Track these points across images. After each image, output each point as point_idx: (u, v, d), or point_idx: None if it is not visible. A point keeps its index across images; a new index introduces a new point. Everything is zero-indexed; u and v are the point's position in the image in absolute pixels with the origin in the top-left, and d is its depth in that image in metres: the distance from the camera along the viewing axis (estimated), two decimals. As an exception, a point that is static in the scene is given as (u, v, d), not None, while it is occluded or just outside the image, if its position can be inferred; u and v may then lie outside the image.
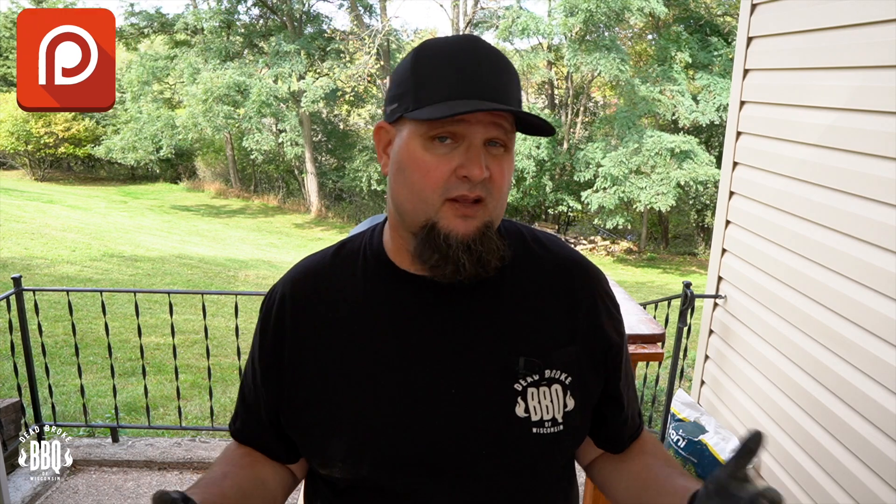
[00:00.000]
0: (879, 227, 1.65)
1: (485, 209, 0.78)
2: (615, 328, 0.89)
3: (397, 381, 0.80)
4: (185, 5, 21.10)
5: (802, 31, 2.03)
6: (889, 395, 1.61)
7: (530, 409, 0.80)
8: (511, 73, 0.78)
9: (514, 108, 0.75)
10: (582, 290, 0.87)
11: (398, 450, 0.79)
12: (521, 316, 0.83)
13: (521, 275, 0.85)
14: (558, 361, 0.82)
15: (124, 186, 22.05)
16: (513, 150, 0.80)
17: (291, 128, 18.64)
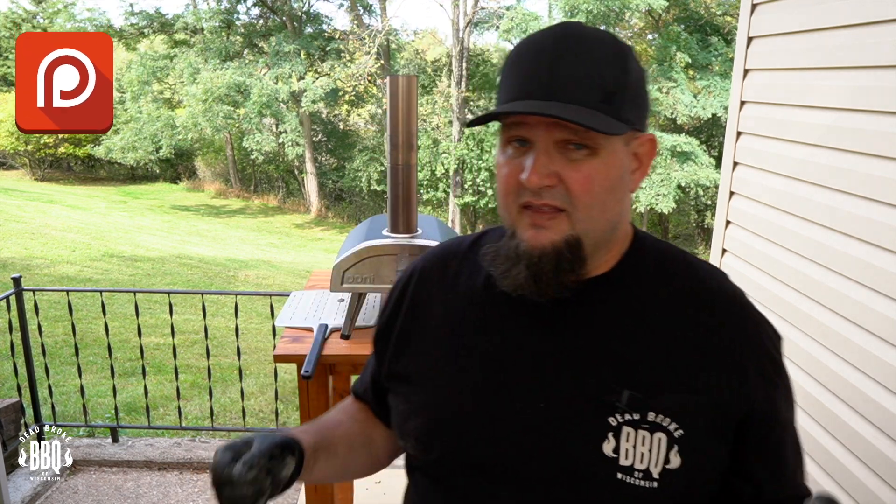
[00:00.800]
0: (879, 227, 1.65)
1: (566, 221, 0.69)
2: (768, 394, 0.74)
3: (488, 381, 0.76)
4: (184, 5, 21.10)
5: (802, 31, 2.03)
6: (889, 395, 1.61)
7: (621, 451, 0.69)
8: (585, 62, 0.68)
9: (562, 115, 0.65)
10: (733, 337, 0.73)
11: (469, 448, 0.75)
12: (637, 344, 0.72)
13: (652, 299, 0.75)
14: (669, 407, 0.69)
15: (124, 186, 22.05)
16: (610, 150, 0.69)
17: (292, 128, 18.65)
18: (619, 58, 0.70)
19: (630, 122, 0.71)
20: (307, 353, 1.48)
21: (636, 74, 0.72)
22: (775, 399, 0.75)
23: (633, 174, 0.74)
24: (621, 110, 0.69)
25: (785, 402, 0.76)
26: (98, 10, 19.92)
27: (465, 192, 19.10)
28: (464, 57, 18.99)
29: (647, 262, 0.77)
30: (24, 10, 22.78)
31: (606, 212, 0.71)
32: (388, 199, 1.60)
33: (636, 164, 0.74)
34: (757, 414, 0.73)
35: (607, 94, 0.68)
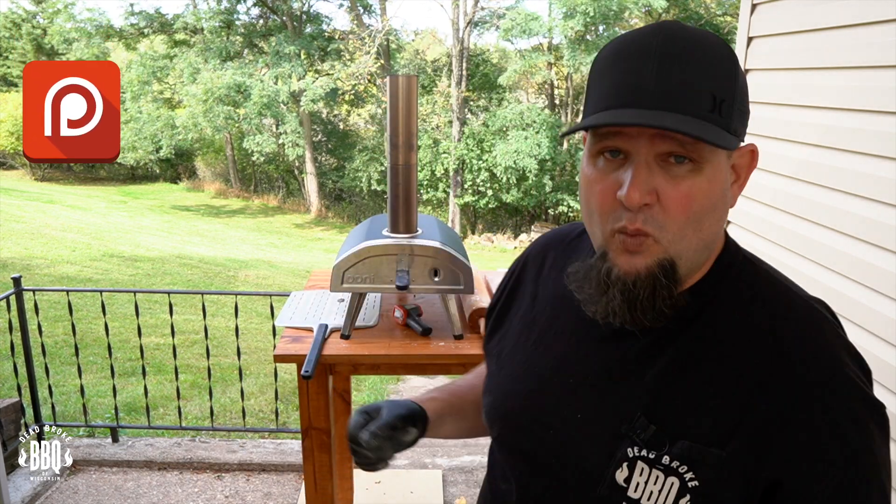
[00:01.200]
0: (879, 227, 1.65)
1: (656, 245, 0.64)
2: (814, 464, 0.63)
3: (545, 382, 0.77)
4: (184, 5, 21.10)
5: (802, 31, 2.03)
6: (889, 394, 1.61)
7: (632, 483, 0.67)
8: (693, 65, 0.62)
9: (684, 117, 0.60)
10: (782, 391, 0.64)
11: (517, 436, 0.79)
12: (679, 380, 0.68)
13: (712, 333, 0.68)
14: (689, 455, 0.65)
15: (124, 186, 22.05)
16: (715, 164, 0.64)
17: (292, 129, 18.65)
18: (729, 62, 0.64)
19: (738, 133, 0.66)
20: (307, 353, 1.48)
21: (742, 81, 0.66)
22: (823, 475, 0.63)
23: (731, 188, 0.69)
24: (731, 121, 0.64)
25: (851, 487, 0.63)
26: (98, 10, 19.91)
27: (465, 192, 19.10)
28: (464, 57, 19.00)
29: (726, 292, 0.70)
30: (24, 10, 22.79)
31: (702, 232, 0.65)
32: (388, 199, 1.59)
33: (734, 176, 0.70)
34: (793, 490, 0.63)
35: (717, 103, 0.62)
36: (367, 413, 0.86)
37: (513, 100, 19.05)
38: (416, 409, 0.88)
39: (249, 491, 2.86)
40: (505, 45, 21.01)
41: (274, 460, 3.03)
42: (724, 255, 0.72)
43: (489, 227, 20.46)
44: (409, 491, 2.85)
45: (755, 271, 0.73)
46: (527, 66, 17.64)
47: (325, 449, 1.57)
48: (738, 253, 0.74)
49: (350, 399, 2.28)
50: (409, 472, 3.04)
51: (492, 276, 2.02)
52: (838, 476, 0.63)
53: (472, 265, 1.58)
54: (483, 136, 18.51)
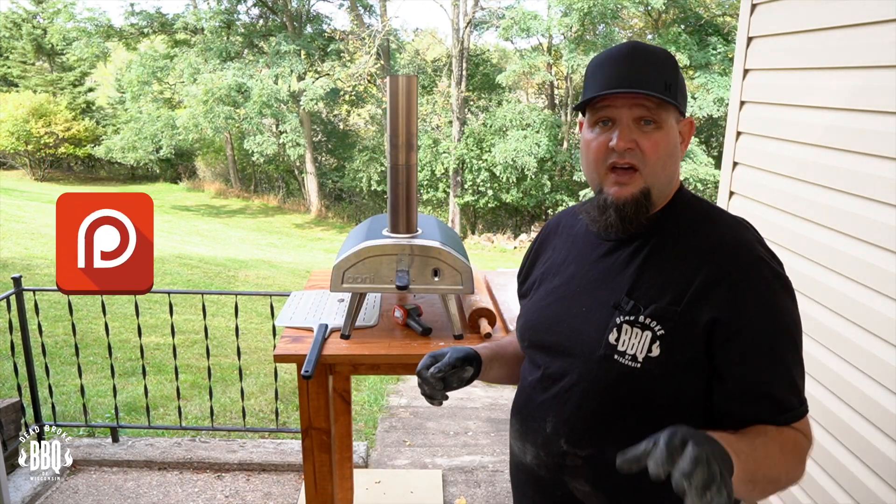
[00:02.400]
0: (879, 227, 1.65)
1: (640, 177, 1.00)
2: (736, 307, 0.94)
3: (562, 296, 1.10)
4: (184, 5, 21.10)
5: (802, 31, 2.03)
6: (889, 395, 1.61)
7: (620, 341, 0.99)
8: (652, 64, 0.99)
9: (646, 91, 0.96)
10: (715, 265, 0.96)
11: (542, 336, 1.11)
12: (651, 270, 1.00)
13: (672, 239, 1.02)
14: (655, 314, 0.97)
15: (124, 186, 22.06)
16: (669, 125, 1.00)
17: (292, 129, 18.64)
18: (673, 63, 1.03)
19: (682, 106, 1.02)
20: (307, 353, 1.48)
21: (681, 75, 1.04)
22: (743, 312, 0.94)
23: (679, 146, 1.05)
24: (676, 96, 1.01)
25: (763, 319, 0.95)
26: (98, 10, 19.92)
27: (465, 192, 19.09)
28: (464, 57, 19.00)
29: (681, 213, 1.05)
30: (24, 10, 22.79)
31: (666, 169, 1.01)
32: (388, 199, 1.59)
33: (680, 138, 1.05)
34: (725, 323, 0.94)
35: (668, 85, 0.99)
36: (434, 357, 1.14)
37: (513, 100, 19.05)
38: (472, 353, 1.17)
39: (249, 491, 2.86)
40: (505, 46, 21.03)
41: (274, 460, 3.03)
42: (679, 192, 1.08)
43: (489, 227, 20.45)
44: (409, 491, 2.85)
45: (699, 201, 1.08)
46: (526, 65, 17.63)
47: (325, 449, 1.57)
48: (687, 194, 1.08)
49: (350, 399, 2.28)
50: (409, 472, 3.04)
51: (492, 276, 2.02)
52: (754, 312, 0.95)
53: (472, 265, 1.58)
54: (483, 135, 18.51)
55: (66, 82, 22.75)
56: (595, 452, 1.02)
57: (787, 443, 0.94)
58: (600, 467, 1.02)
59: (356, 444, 3.13)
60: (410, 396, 4.10)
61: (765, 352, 0.95)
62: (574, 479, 1.05)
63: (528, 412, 1.11)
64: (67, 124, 20.36)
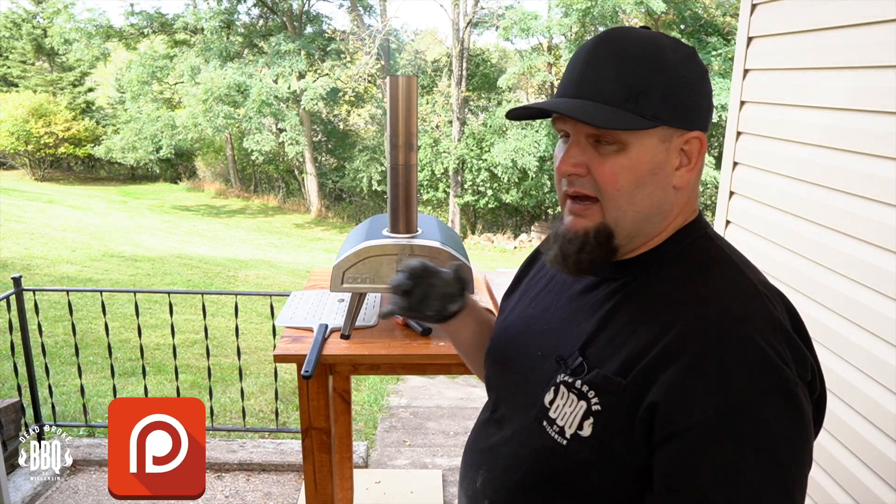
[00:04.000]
0: (879, 227, 1.65)
1: (598, 210, 0.77)
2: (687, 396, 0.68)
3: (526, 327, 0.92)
4: (184, 5, 21.09)
5: (802, 31, 2.03)
6: (889, 395, 1.61)
7: (554, 405, 0.79)
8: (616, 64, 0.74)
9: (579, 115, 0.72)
10: (681, 333, 0.71)
11: (497, 369, 0.95)
12: (615, 323, 0.78)
13: (651, 290, 0.78)
14: (597, 382, 0.75)
15: (124, 186, 22.05)
16: (640, 146, 0.74)
17: (292, 126, 18.63)
18: (653, 58, 0.74)
19: (661, 119, 0.74)
20: (307, 353, 1.48)
21: (675, 75, 0.75)
22: (694, 407, 0.67)
23: (677, 170, 0.78)
24: (647, 108, 0.73)
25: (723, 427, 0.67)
26: (98, 11, 19.91)
27: (465, 192, 19.09)
28: (464, 57, 18.99)
29: (677, 254, 0.80)
30: (24, 10, 22.78)
31: (635, 204, 0.76)
32: (388, 199, 1.59)
33: (684, 160, 0.78)
34: (672, 418, 0.68)
35: (633, 94, 0.73)
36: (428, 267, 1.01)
37: (513, 100, 19.04)
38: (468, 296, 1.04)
39: (249, 491, 2.86)
40: (505, 46, 21.03)
41: (274, 460, 3.03)
42: (685, 229, 0.82)
43: (489, 227, 20.45)
44: (409, 491, 2.85)
45: (710, 249, 0.81)
46: (526, 67, 17.63)
47: (325, 449, 1.57)
48: (699, 231, 0.82)
49: (350, 399, 2.28)
50: (409, 472, 3.04)
51: (492, 276, 2.02)
52: (710, 417, 0.66)
53: (472, 265, 1.58)
54: (483, 135, 18.50)
55: (66, 82, 22.75)
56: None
57: None
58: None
59: (356, 444, 3.13)
60: (410, 396, 4.10)
61: (716, 477, 0.67)
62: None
63: (470, 457, 0.94)
64: (67, 124, 20.35)
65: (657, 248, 0.81)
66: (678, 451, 0.68)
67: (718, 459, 0.67)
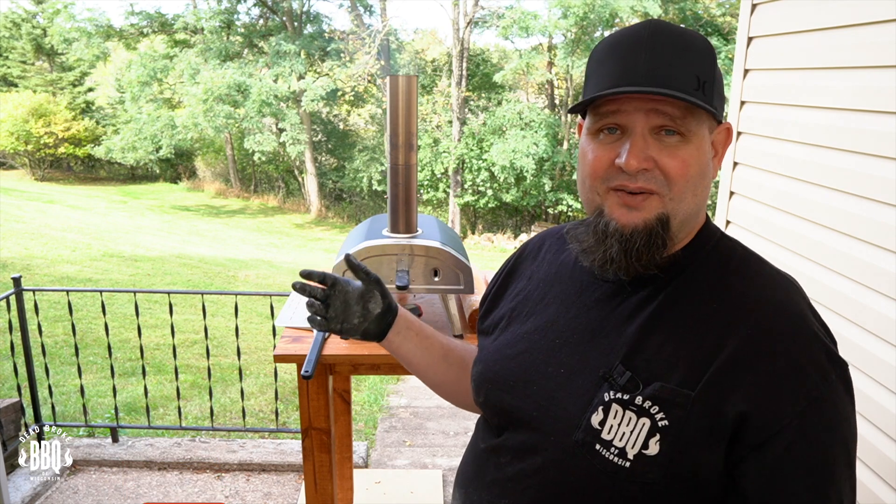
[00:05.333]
0: (879, 227, 1.65)
1: (658, 201, 0.74)
2: (777, 400, 0.68)
3: (530, 344, 0.85)
4: (185, 5, 21.09)
5: (802, 31, 2.03)
6: (889, 395, 1.61)
7: (606, 425, 0.73)
8: (680, 53, 0.73)
9: (674, 91, 0.70)
10: (750, 337, 0.70)
11: (501, 396, 0.85)
12: (659, 333, 0.74)
13: (694, 292, 0.76)
14: (660, 396, 0.71)
15: (124, 186, 22.05)
16: (700, 137, 0.74)
17: (292, 126, 18.63)
18: (709, 51, 0.75)
19: (718, 111, 0.76)
20: (307, 353, 1.48)
21: (719, 71, 0.77)
22: (786, 409, 0.68)
23: (711, 161, 0.78)
24: (713, 99, 0.74)
25: (813, 423, 0.69)
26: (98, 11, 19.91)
27: (465, 192, 19.09)
28: (464, 57, 18.99)
29: (709, 255, 0.79)
30: (24, 10, 22.78)
31: (697, 195, 0.76)
32: (388, 199, 1.59)
33: (713, 151, 0.79)
34: (758, 427, 0.69)
35: (701, 83, 0.73)
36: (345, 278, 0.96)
37: (513, 99, 19.04)
38: (392, 303, 0.97)
39: (249, 491, 2.86)
40: (505, 45, 21.03)
41: (274, 460, 3.03)
42: (704, 230, 0.81)
43: (489, 227, 20.45)
44: (409, 491, 2.85)
45: (732, 245, 0.81)
46: (524, 64, 17.63)
47: (325, 449, 1.57)
48: (716, 230, 0.82)
49: (350, 399, 2.28)
50: (409, 472, 3.04)
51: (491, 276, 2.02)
52: (798, 414, 0.68)
53: (472, 265, 1.58)
54: (483, 135, 18.50)
55: (66, 82, 22.75)
56: None
57: None
58: None
59: (356, 444, 3.13)
60: (410, 396, 4.10)
61: (809, 469, 0.69)
62: None
63: (477, 489, 0.86)
64: (67, 124, 20.35)
65: (684, 249, 0.79)
66: (772, 453, 0.69)
67: (809, 454, 0.69)
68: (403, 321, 0.98)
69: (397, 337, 0.97)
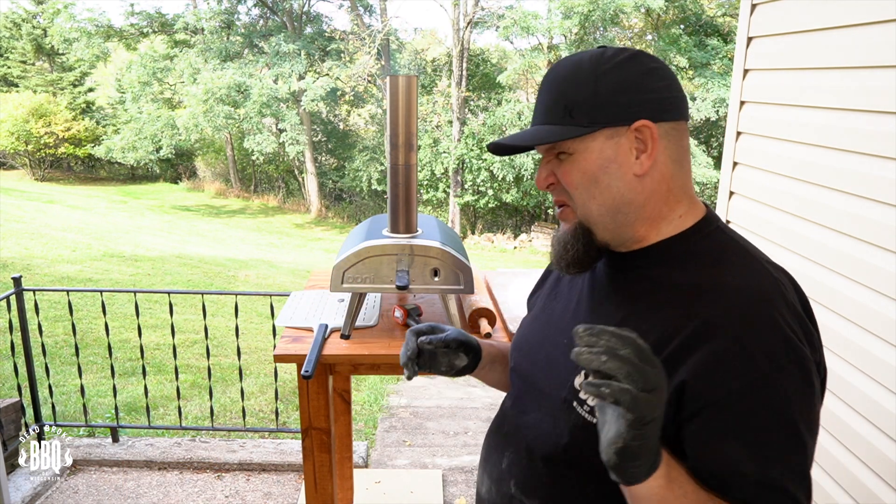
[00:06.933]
0: (879, 227, 1.65)
1: (570, 212, 0.90)
2: (716, 374, 0.75)
3: (546, 320, 1.02)
4: (185, 5, 21.09)
5: (802, 31, 2.03)
6: (889, 395, 1.61)
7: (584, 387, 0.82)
8: (553, 90, 0.87)
9: (530, 140, 0.86)
10: (708, 317, 0.78)
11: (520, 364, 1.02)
12: (640, 311, 0.85)
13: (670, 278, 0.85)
14: None
15: (124, 186, 22.05)
16: (584, 149, 0.85)
17: (292, 126, 18.64)
18: (585, 74, 0.85)
19: (599, 123, 0.84)
20: (307, 353, 1.48)
21: (605, 82, 0.84)
22: (722, 383, 0.75)
23: (637, 159, 0.85)
24: (583, 117, 0.84)
25: (750, 399, 0.75)
26: (98, 11, 19.91)
27: (465, 192, 19.09)
28: (464, 57, 18.99)
29: (693, 247, 0.87)
30: (24, 10, 22.78)
31: (595, 198, 0.86)
32: (388, 199, 1.59)
33: (640, 147, 0.85)
34: (691, 390, 0.76)
35: (568, 109, 0.85)
36: (433, 328, 1.07)
37: (513, 100, 19.04)
38: (474, 343, 1.09)
39: (249, 491, 2.86)
40: (505, 46, 21.01)
41: (274, 460, 3.03)
42: (697, 226, 0.88)
43: (489, 227, 20.45)
44: (409, 491, 2.85)
45: (724, 240, 0.87)
46: (526, 65, 17.63)
47: (325, 449, 1.57)
48: (710, 225, 0.89)
49: (350, 399, 2.28)
50: (409, 471, 3.04)
51: (492, 276, 2.02)
52: (736, 390, 0.74)
53: (472, 265, 1.58)
54: (483, 135, 18.51)
55: (66, 82, 22.75)
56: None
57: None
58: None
59: (356, 444, 3.13)
60: (410, 396, 4.10)
61: (743, 442, 0.75)
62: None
63: (494, 440, 1.03)
64: (67, 124, 20.36)
65: (669, 240, 0.87)
66: (706, 423, 0.76)
67: (745, 427, 0.75)
68: (488, 358, 1.12)
69: (481, 371, 1.13)
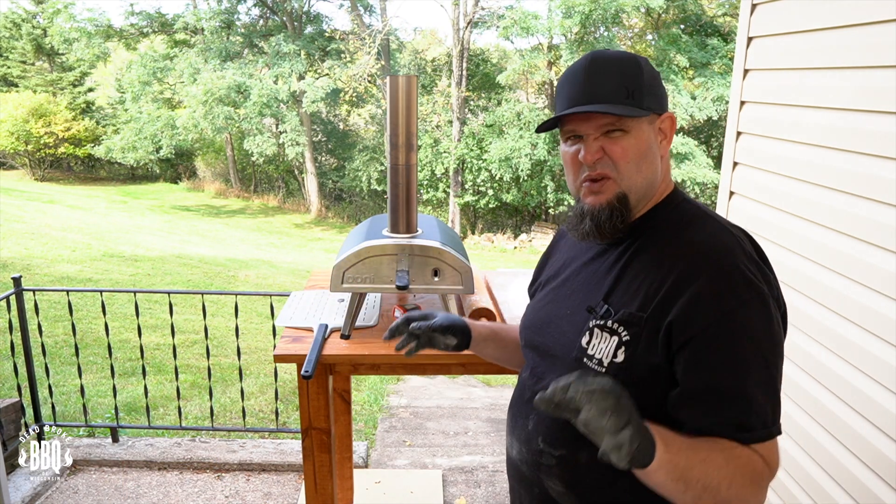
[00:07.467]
0: (879, 227, 1.65)
1: (614, 183, 1.01)
2: (694, 313, 0.93)
3: (554, 297, 1.15)
4: (185, 5, 21.09)
5: (802, 31, 2.03)
6: (889, 395, 1.61)
7: (590, 345, 1.01)
8: (609, 74, 1.00)
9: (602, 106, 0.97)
10: (684, 270, 0.96)
11: (532, 335, 1.16)
12: (629, 275, 1.02)
13: (654, 243, 1.02)
14: (624, 319, 0.98)
15: (124, 186, 22.05)
16: (638, 129, 1.00)
17: (292, 128, 18.64)
18: (634, 66, 1.02)
19: (650, 108, 1.01)
20: (307, 353, 1.48)
21: (649, 76, 1.03)
22: (699, 319, 0.92)
23: (660, 144, 1.05)
24: (642, 101, 1.00)
25: (721, 329, 0.92)
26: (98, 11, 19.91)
27: (465, 191, 19.09)
28: (464, 57, 18.99)
29: (668, 216, 1.05)
30: (24, 10, 22.78)
31: (641, 172, 1.02)
32: (388, 199, 1.59)
33: (661, 136, 1.05)
34: (681, 329, 0.93)
35: (629, 92, 0.99)
36: (425, 315, 1.24)
37: (513, 99, 19.04)
38: (460, 324, 1.25)
39: (249, 491, 2.86)
40: (505, 46, 21.01)
41: (274, 460, 3.03)
42: (669, 197, 1.07)
43: (489, 227, 20.45)
44: (409, 491, 2.85)
45: (690, 205, 1.07)
46: (526, 65, 17.62)
47: (325, 449, 1.57)
48: (679, 197, 1.08)
49: (350, 399, 2.28)
50: (409, 472, 3.04)
51: (492, 276, 2.02)
52: (712, 322, 0.92)
53: (472, 265, 1.58)
54: (483, 135, 18.50)
55: (66, 82, 22.75)
56: (567, 453, 1.04)
57: (737, 458, 0.91)
58: (573, 468, 1.04)
59: (356, 444, 3.13)
60: (410, 396, 4.10)
61: (721, 364, 0.92)
62: (549, 479, 1.08)
63: (517, 408, 1.16)
64: (67, 124, 20.36)
65: (649, 213, 1.06)
66: (691, 351, 0.93)
67: (721, 351, 0.92)
68: (479, 337, 1.28)
69: (476, 348, 1.29)
